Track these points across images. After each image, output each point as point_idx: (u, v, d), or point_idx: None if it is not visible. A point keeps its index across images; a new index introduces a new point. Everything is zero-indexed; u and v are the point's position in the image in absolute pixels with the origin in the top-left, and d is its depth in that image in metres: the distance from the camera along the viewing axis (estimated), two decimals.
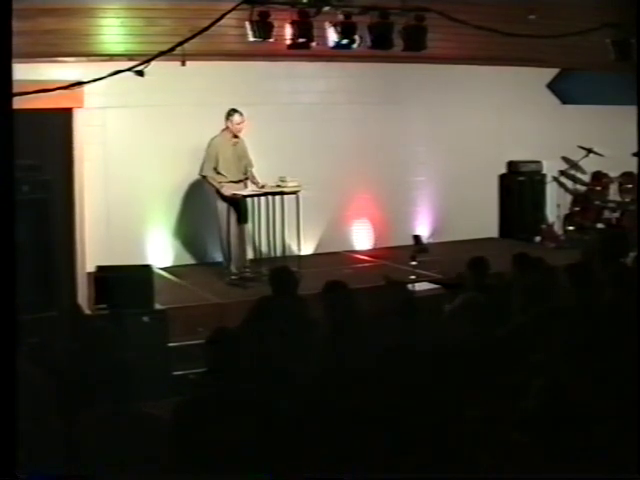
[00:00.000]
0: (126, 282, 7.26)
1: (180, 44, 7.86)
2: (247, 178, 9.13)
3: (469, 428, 4.15)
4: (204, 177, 9.02)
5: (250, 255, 9.36)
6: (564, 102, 12.22)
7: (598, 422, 3.46)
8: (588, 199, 11.80)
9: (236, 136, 9.03)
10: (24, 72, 4.34)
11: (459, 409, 4.28)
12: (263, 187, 8.99)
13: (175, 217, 10.02)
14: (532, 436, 3.83)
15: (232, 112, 8.98)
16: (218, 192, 8.94)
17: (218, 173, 8.93)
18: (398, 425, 4.14)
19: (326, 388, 4.69)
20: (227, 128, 9.02)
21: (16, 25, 3.29)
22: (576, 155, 11.70)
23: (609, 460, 3.25)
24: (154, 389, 6.11)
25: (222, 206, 8.96)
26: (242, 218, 9.04)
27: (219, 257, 9.52)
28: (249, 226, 9.19)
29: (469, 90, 11.36)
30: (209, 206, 9.25)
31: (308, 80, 10.68)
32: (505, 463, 3.85)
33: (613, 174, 11.88)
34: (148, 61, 7.58)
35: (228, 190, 8.89)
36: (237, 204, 8.97)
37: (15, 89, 3.25)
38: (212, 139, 9.01)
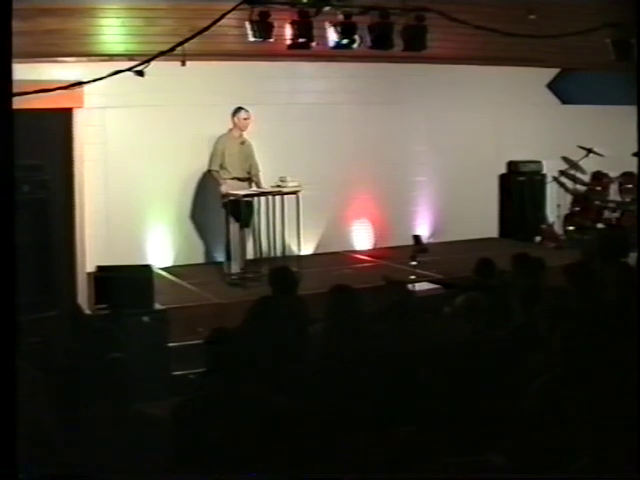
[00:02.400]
0: (126, 282, 7.26)
1: (180, 44, 7.86)
2: (250, 178, 9.16)
3: (469, 428, 4.15)
4: (210, 172, 9.13)
5: (250, 255, 9.37)
6: (564, 102, 12.21)
7: (598, 422, 3.46)
8: (588, 199, 11.80)
9: (242, 135, 9.11)
10: (24, 72, 4.34)
11: (459, 409, 4.28)
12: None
13: (175, 217, 10.01)
14: (532, 435, 3.83)
15: (238, 109, 9.13)
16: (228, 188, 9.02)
17: (223, 169, 9.01)
18: (399, 425, 4.14)
19: (326, 388, 4.69)
20: (234, 126, 9.10)
21: (16, 25, 3.28)
22: (576, 155, 11.69)
23: (609, 460, 3.25)
24: (154, 389, 6.13)
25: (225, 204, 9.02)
26: (244, 219, 9.06)
27: (219, 257, 9.52)
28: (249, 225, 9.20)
29: (469, 90, 11.35)
30: (209, 206, 9.26)
31: (308, 80, 10.68)
32: (505, 462, 3.85)
33: (613, 174, 11.88)
34: (148, 61, 7.58)
35: (227, 188, 8.93)
36: (239, 204, 9.00)
37: (15, 89, 3.25)
38: (220, 136, 9.12)
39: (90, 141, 8.54)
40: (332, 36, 8.95)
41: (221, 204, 9.00)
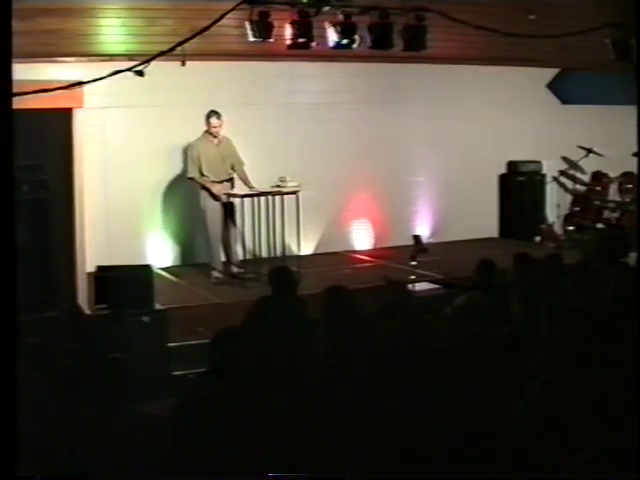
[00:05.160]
0: (126, 282, 7.26)
1: (180, 44, 7.87)
2: (232, 178, 9.12)
3: (468, 428, 4.15)
4: (191, 179, 9.04)
5: (249, 255, 9.37)
6: (564, 102, 12.22)
7: (598, 422, 3.46)
8: (588, 199, 11.81)
9: (218, 136, 9.03)
10: (24, 72, 4.35)
11: (459, 409, 4.28)
12: (253, 188, 8.97)
13: (175, 217, 10.01)
14: (531, 435, 3.83)
15: (210, 114, 8.98)
16: (210, 192, 8.95)
17: (202, 175, 8.95)
18: (398, 425, 4.15)
19: (326, 388, 4.69)
20: (208, 130, 9.04)
21: (16, 25, 3.29)
22: (576, 155, 11.70)
23: (609, 460, 3.25)
24: (154, 389, 6.13)
25: (214, 205, 8.97)
26: (233, 217, 9.06)
27: (221, 257, 9.51)
28: (249, 225, 9.19)
29: (469, 90, 11.36)
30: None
31: (308, 80, 10.68)
32: (505, 462, 3.85)
33: (613, 174, 11.88)
34: (148, 61, 7.59)
35: (220, 188, 8.92)
36: (226, 205, 9.01)
37: (15, 89, 3.25)
38: (193, 141, 9.04)
39: (90, 141, 8.54)
40: (332, 36, 8.96)
41: (211, 203, 8.99)
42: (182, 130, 9.59)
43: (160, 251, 9.93)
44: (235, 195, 8.96)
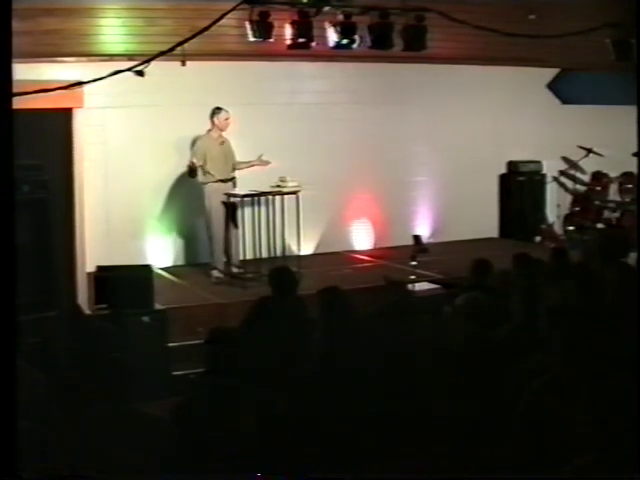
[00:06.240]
0: (126, 282, 7.27)
1: (180, 44, 7.87)
2: (234, 178, 9.13)
3: (468, 428, 4.15)
4: (192, 170, 9.01)
5: (249, 255, 9.37)
6: (564, 102, 12.22)
7: (598, 422, 3.46)
8: (588, 199, 11.81)
9: (222, 135, 9.05)
10: (24, 72, 4.34)
11: (459, 409, 4.28)
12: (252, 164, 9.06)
13: (175, 217, 10.01)
14: (531, 435, 3.83)
15: (218, 110, 9.03)
16: (212, 191, 8.95)
17: (206, 172, 8.95)
18: (397, 425, 4.15)
19: (326, 388, 4.69)
20: (213, 127, 9.04)
21: (16, 25, 3.28)
22: (576, 155, 11.70)
23: (609, 460, 3.25)
24: (154, 389, 6.13)
25: (218, 205, 8.97)
26: (234, 217, 9.06)
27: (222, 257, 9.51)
28: (249, 225, 9.19)
29: (469, 90, 11.36)
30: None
31: (308, 80, 10.68)
32: (504, 463, 3.85)
33: (613, 174, 11.89)
34: (148, 61, 7.59)
35: (223, 190, 8.91)
36: (228, 205, 9.01)
37: (15, 89, 3.25)
38: (197, 138, 9.04)
39: (90, 141, 8.53)
40: (332, 36, 8.96)
41: (215, 202, 8.97)
42: (183, 130, 9.60)
43: (160, 251, 9.93)
44: (235, 195, 8.96)
